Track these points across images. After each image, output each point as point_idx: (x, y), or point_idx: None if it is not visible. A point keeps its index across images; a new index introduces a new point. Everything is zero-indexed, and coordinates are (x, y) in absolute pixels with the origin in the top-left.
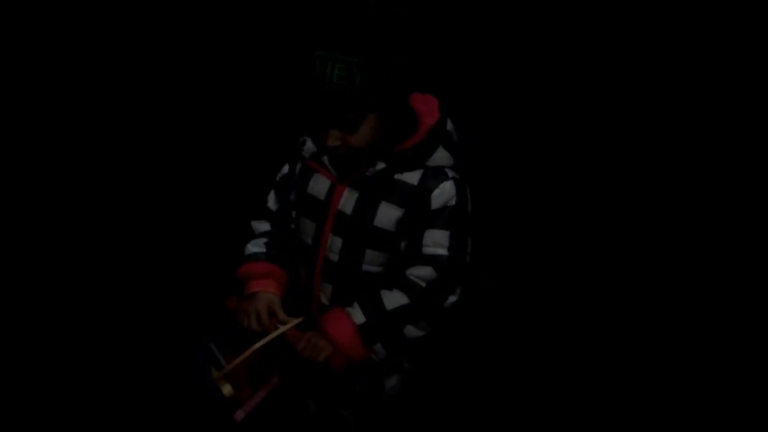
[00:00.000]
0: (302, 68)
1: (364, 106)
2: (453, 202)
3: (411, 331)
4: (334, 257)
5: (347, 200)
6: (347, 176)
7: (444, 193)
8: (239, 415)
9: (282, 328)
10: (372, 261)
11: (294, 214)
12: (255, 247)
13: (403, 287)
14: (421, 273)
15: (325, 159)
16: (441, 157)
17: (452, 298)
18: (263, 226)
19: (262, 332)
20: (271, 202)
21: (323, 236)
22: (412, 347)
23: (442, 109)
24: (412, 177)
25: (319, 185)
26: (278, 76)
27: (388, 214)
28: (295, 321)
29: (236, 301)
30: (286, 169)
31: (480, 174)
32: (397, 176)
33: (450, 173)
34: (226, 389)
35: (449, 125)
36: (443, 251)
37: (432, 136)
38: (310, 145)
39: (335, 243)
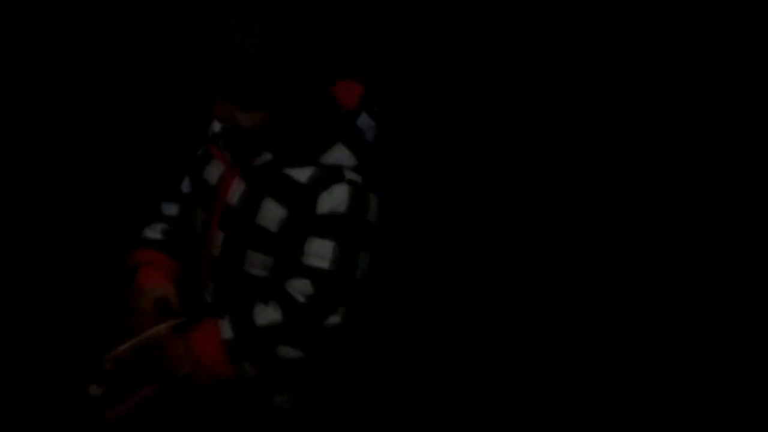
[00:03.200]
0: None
1: (265, 93)
2: (342, 209)
3: (285, 351)
4: (217, 252)
5: (235, 191)
6: (239, 164)
7: (333, 197)
8: (111, 414)
9: (148, 332)
10: (255, 263)
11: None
12: (152, 232)
13: (280, 301)
14: (298, 286)
15: (222, 144)
16: (339, 155)
17: (333, 319)
18: (170, 209)
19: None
20: (185, 184)
21: (210, 228)
22: (288, 368)
23: (364, 98)
24: (302, 174)
25: (213, 171)
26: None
27: (271, 213)
28: (164, 325)
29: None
30: (201, 150)
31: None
32: (286, 170)
33: (348, 175)
34: (92, 388)
35: (364, 120)
36: (324, 264)
37: (328, 130)
38: (215, 126)
39: (218, 237)
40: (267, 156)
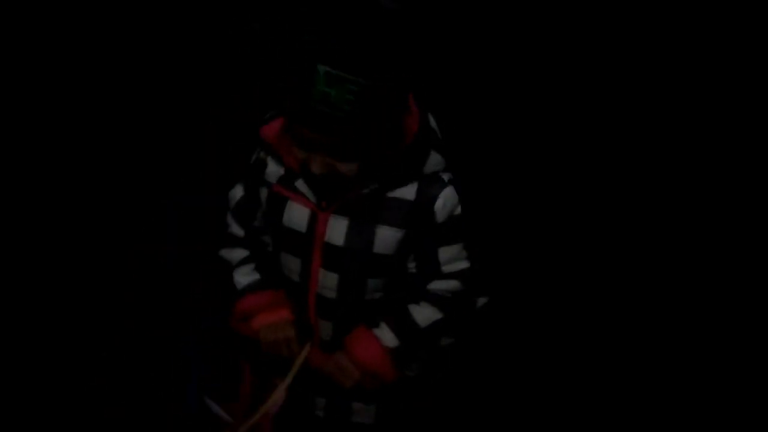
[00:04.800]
0: (293, 78)
1: (363, 136)
2: (458, 210)
3: (446, 341)
4: (330, 294)
5: (335, 229)
6: (331, 202)
7: (447, 202)
8: None
9: (298, 360)
10: (375, 289)
11: (271, 248)
12: (245, 277)
13: (432, 301)
14: (445, 287)
15: (300, 183)
16: (435, 162)
17: (483, 300)
18: (238, 253)
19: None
20: (234, 228)
21: (312, 273)
22: (446, 356)
23: (418, 104)
24: (408, 192)
25: (297, 215)
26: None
27: (387, 238)
28: (306, 348)
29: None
30: (239, 192)
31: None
32: (389, 194)
33: (446, 177)
34: None
35: (431, 122)
36: (464, 264)
37: (421, 141)
38: (274, 168)
39: (329, 279)
40: (365, 186)
